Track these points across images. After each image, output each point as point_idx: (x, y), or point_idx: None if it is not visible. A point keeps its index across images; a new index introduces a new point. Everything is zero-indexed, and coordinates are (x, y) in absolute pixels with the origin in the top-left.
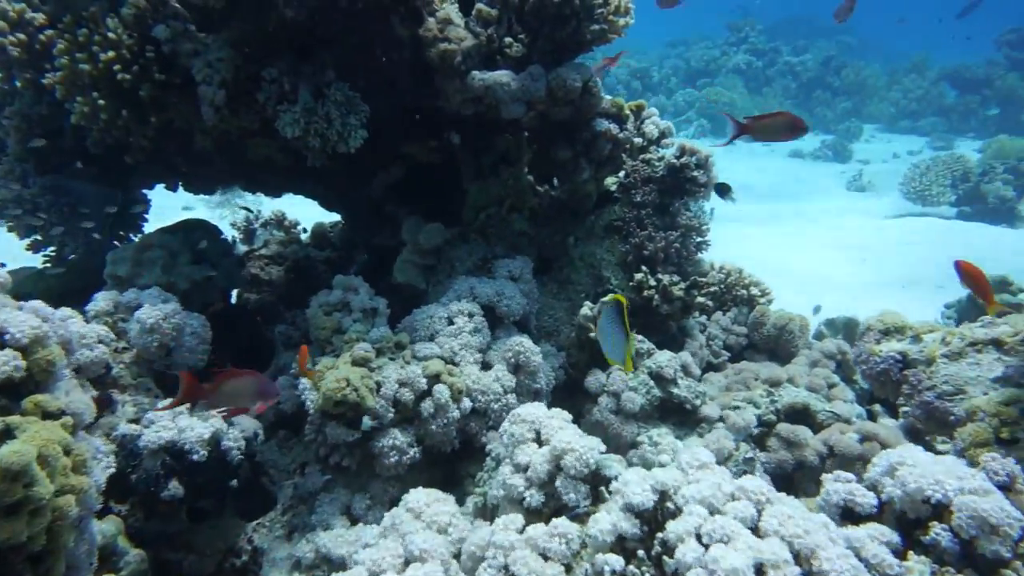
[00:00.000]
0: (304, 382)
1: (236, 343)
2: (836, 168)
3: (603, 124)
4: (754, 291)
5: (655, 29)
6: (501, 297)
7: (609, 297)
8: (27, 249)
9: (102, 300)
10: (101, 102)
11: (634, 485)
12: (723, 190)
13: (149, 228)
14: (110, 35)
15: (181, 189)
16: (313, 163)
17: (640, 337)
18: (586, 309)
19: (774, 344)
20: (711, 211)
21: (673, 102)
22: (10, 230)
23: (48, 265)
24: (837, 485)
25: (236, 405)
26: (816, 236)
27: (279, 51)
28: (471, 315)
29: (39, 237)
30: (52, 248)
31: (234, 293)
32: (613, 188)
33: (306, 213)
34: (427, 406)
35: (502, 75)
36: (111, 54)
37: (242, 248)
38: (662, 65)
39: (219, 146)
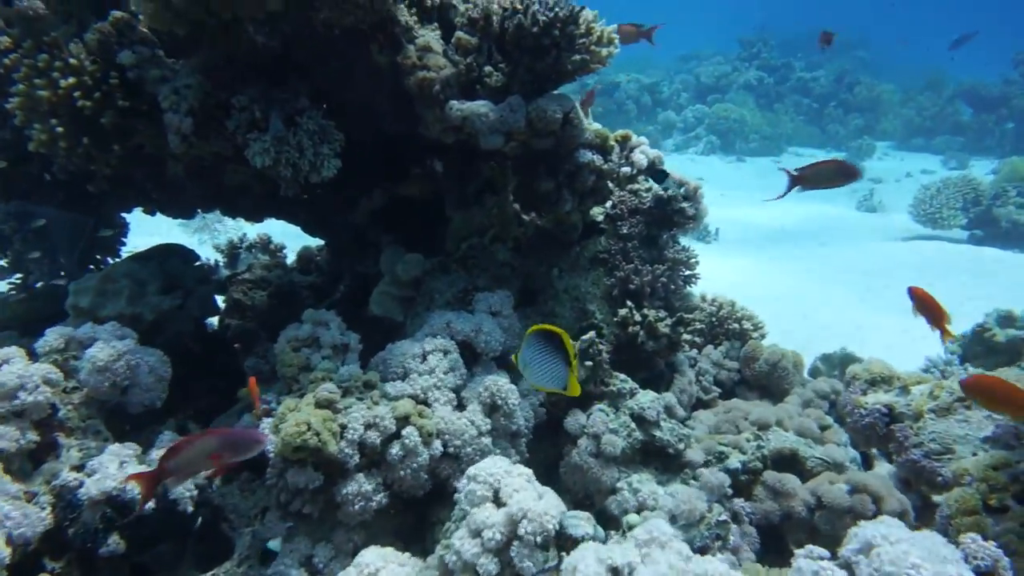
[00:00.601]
0: (267, 422)
1: (210, 375)
2: (847, 187)
3: (586, 155)
4: (746, 325)
5: (667, 43)
6: (479, 333)
7: (533, 328)
8: None
9: (53, 336)
10: (60, 129)
11: (587, 566)
12: (660, 177)
13: (134, 248)
14: (71, 61)
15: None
16: (286, 193)
17: (623, 376)
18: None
19: (766, 380)
20: (716, 231)
21: (683, 118)
22: None
23: (12, 292)
24: (807, 562)
25: (204, 468)
26: (821, 258)
27: (251, 77)
28: (446, 352)
29: (3, 264)
30: (18, 275)
31: (216, 319)
32: (600, 219)
33: (294, 235)
34: (395, 450)
35: (480, 106)
36: (71, 80)
37: (224, 272)
38: (672, 80)
39: (192, 172)
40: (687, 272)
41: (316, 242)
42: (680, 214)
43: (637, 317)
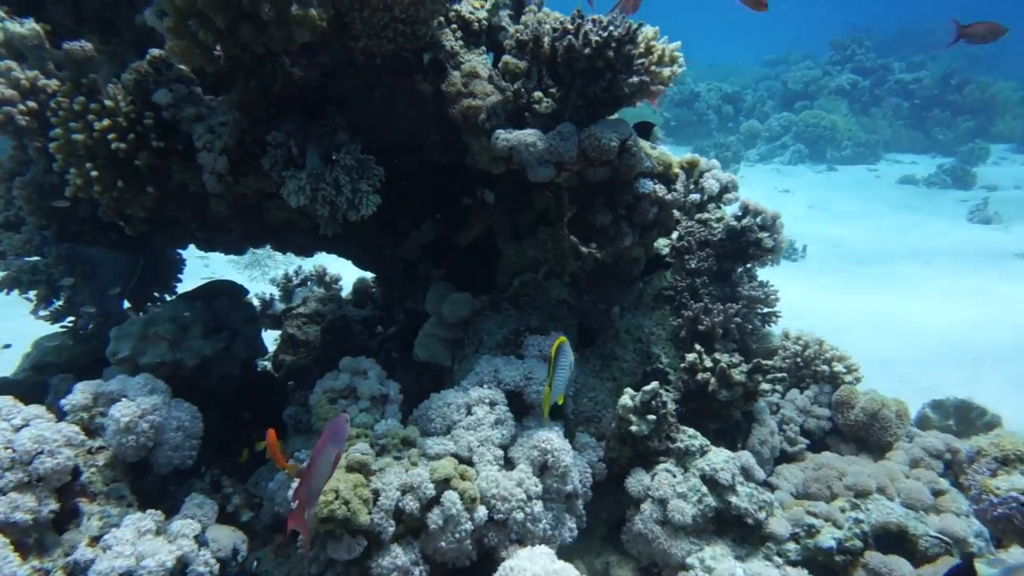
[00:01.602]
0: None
1: (259, 417)
2: (955, 196)
3: (647, 185)
4: (838, 367)
5: (753, 47)
6: (530, 382)
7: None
8: (45, 320)
9: (80, 392)
10: (94, 173)
11: None
12: (644, 131)
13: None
14: (107, 103)
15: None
16: (324, 232)
17: (691, 431)
18: (627, 399)
19: (864, 433)
20: (804, 248)
21: (767, 127)
22: (28, 299)
23: (66, 335)
24: None
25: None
26: (926, 279)
27: (289, 112)
28: (493, 404)
29: (58, 306)
30: (71, 318)
31: (270, 354)
32: (665, 251)
33: (351, 266)
34: (435, 517)
35: (528, 135)
36: (106, 123)
37: (280, 306)
38: (756, 87)
39: (235, 210)
40: (766, 310)
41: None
42: (756, 246)
43: (707, 362)
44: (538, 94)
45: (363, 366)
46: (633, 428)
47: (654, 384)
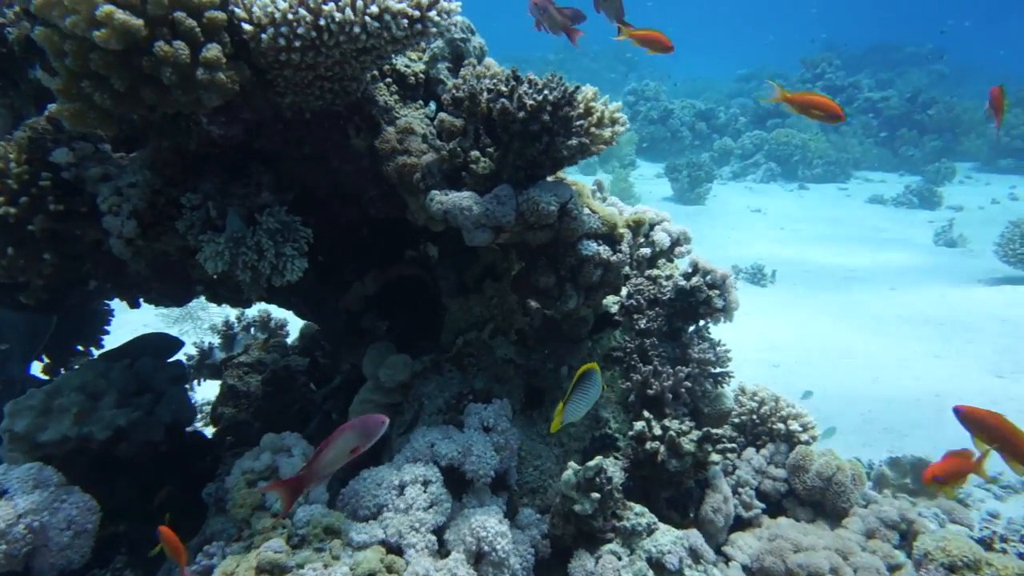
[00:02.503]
0: None
1: (184, 487)
2: (923, 216)
3: (591, 247)
4: (793, 426)
5: (727, 62)
6: (467, 456)
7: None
8: None
9: None
10: None
11: None
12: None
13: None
14: None
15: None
16: (249, 296)
17: (639, 509)
18: (570, 474)
19: (819, 497)
20: (773, 273)
21: (740, 145)
22: None
23: None
24: None
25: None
26: (893, 306)
27: (209, 170)
28: (427, 483)
29: None
30: None
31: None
32: (614, 309)
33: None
34: None
35: (463, 198)
36: None
37: (220, 355)
38: (729, 104)
39: (155, 269)
40: (718, 370)
41: None
42: (706, 305)
43: (656, 430)
44: (475, 153)
45: (287, 442)
46: (576, 507)
47: (598, 459)
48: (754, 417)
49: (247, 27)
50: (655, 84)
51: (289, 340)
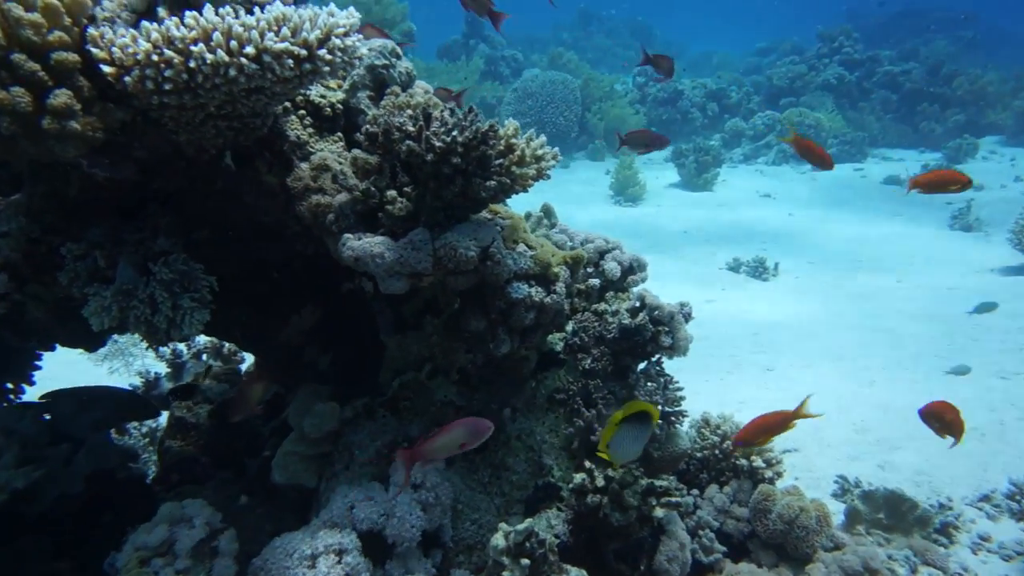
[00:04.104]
0: None
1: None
2: (941, 198)
3: (522, 290)
4: (757, 462)
5: (745, 34)
6: (390, 519)
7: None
8: None
9: None
10: None
11: None
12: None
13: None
14: None
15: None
16: (151, 347)
17: (575, 572)
18: (499, 538)
19: (782, 540)
20: (776, 265)
21: (752, 125)
22: None
23: None
24: None
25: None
26: (897, 299)
27: (97, 214)
28: (341, 552)
29: None
30: None
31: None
32: (559, 347)
33: None
34: None
35: (375, 244)
36: None
37: (167, 385)
38: (742, 83)
39: (57, 315)
40: (673, 409)
41: None
42: (653, 343)
43: (599, 481)
44: (391, 193)
45: (188, 512)
46: (505, 574)
47: (528, 523)
48: (717, 452)
49: (107, 69)
50: None
51: (244, 367)
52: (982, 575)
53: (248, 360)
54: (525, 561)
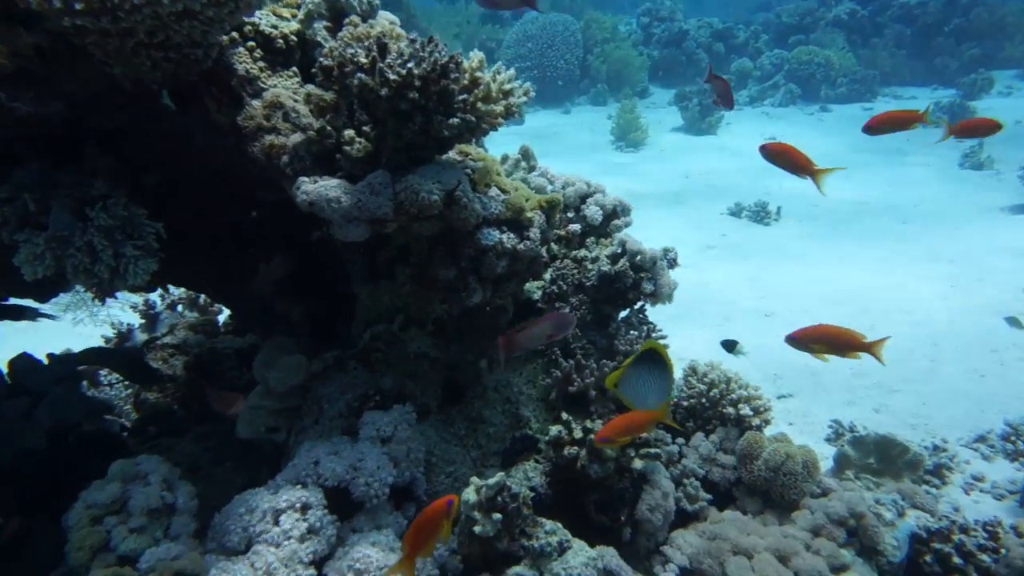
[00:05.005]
0: None
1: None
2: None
3: (492, 236)
4: (744, 410)
5: None
6: (357, 474)
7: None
8: None
9: None
10: None
11: None
12: (729, 347)
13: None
14: None
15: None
16: (98, 300)
17: (550, 526)
18: (471, 492)
19: (768, 487)
20: (778, 210)
21: (759, 66)
22: None
23: None
24: None
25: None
26: (903, 241)
27: (26, 155)
28: (305, 508)
29: None
30: None
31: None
32: (536, 296)
33: None
34: None
35: (331, 188)
36: None
37: (141, 337)
38: (750, 22)
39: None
40: None
41: None
42: (635, 289)
43: (577, 432)
44: (349, 133)
45: (144, 468)
46: (477, 529)
47: (499, 477)
48: (703, 401)
49: None
50: (671, 3)
51: (222, 318)
52: (973, 514)
53: (227, 312)
54: (497, 516)
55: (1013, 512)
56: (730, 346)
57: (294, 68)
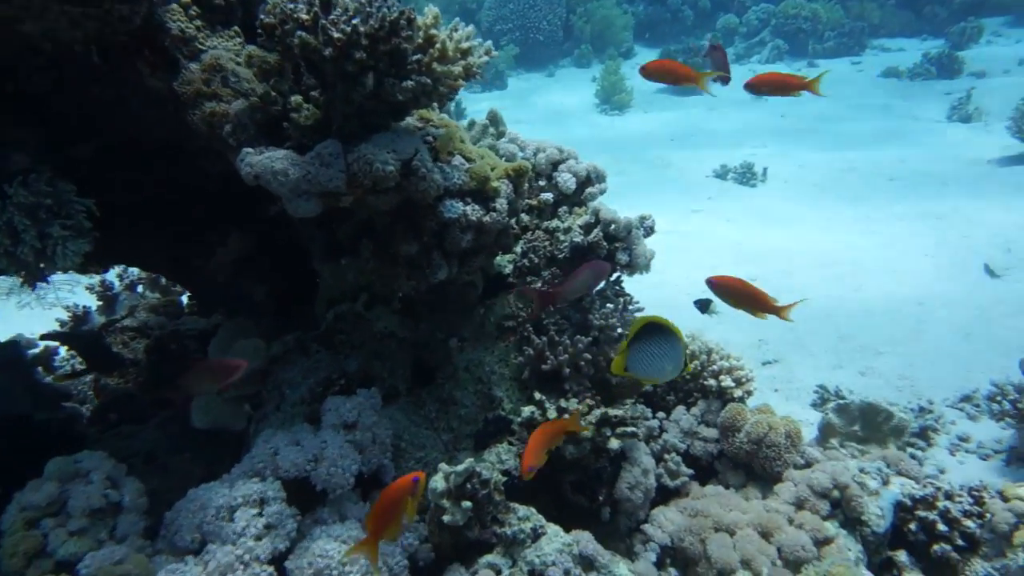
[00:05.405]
0: None
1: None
2: (940, 88)
3: (455, 208)
4: (726, 381)
5: None
6: (318, 463)
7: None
8: None
9: None
10: None
11: None
12: (703, 306)
13: None
14: None
15: None
16: (26, 284)
17: (523, 511)
18: (439, 480)
19: (751, 460)
20: (764, 171)
21: (745, 21)
22: None
23: None
24: None
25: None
26: (889, 199)
27: None
28: (262, 503)
29: None
30: None
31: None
32: (508, 269)
33: None
34: None
35: (277, 159)
36: None
37: (99, 320)
38: None
39: None
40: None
41: None
42: (609, 261)
43: (552, 413)
44: (296, 99)
45: (86, 465)
46: (446, 518)
47: (468, 463)
48: (684, 373)
49: None
50: None
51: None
52: (958, 476)
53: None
54: (467, 503)
55: (999, 471)
56: (704, 305)
57: (236, 27)
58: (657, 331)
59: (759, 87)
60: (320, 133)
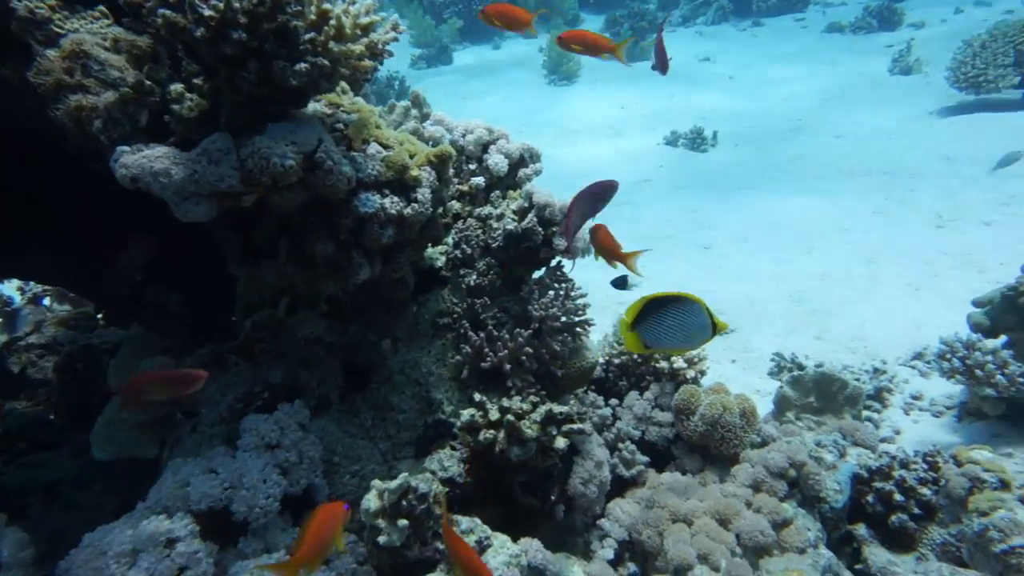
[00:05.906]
0: None
1: None
2: (882, 41)
3: (372, 202)
4: (677, 362)
5: None
6: (236, 491)
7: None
8: None
9: None
10: None
11: None
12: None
13: None
14: None
15: None
16: None
17: (467, 522)
18: (372, 498)
19: (706, 442)
20: (715, 135)
21: None
22: None
23: None
24: None
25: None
26: (836, 156)
27: None
28: (171, 542)
29: None
30: None
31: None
32: (440, 262)
33: None
34: None
35: (157, 158)
36: None
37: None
38: None
39: None
40: (576, 319)
41: None
42: (547, 247)
43: (494, 414)
44: (176, 88)
45: None
46: (382, 539)
47: (403, 478)
48: (636, 356)
49: None
50: None
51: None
52: (914, 435)
53: None
54: (403, 522)
55: (951, 428)
56: (621, 283)
57: (101, 7)
58: (672, 301)
59: (569, 43)
60: (208, 126)
